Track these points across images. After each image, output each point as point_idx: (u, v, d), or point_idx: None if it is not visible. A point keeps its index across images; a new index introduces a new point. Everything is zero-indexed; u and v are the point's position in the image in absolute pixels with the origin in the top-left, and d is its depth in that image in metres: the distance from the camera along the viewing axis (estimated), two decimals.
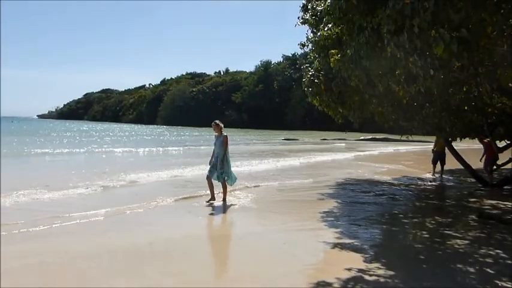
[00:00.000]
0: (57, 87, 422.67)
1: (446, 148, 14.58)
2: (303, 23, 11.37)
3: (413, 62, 5.82)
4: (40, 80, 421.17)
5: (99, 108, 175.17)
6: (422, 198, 11.38)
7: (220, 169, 9.56)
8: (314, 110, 17.68)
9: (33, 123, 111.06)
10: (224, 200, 9.72)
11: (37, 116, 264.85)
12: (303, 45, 12.83)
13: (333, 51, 8.92)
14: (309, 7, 11.41)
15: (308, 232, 7.35)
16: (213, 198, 9.65)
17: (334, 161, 21.37)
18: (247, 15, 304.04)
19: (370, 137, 46.09)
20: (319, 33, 10.21)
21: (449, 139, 13.62)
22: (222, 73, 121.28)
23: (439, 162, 15.43)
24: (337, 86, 10.28)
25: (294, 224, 7.97)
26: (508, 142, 13.85)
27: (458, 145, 15.61)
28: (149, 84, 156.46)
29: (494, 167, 13.36)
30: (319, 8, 10.64)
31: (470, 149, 21.17)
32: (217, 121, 9.86)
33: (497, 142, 13.32)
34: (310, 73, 11.33)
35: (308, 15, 11.40)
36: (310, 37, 11.81)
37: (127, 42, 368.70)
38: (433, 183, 13.91)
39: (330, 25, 9.36)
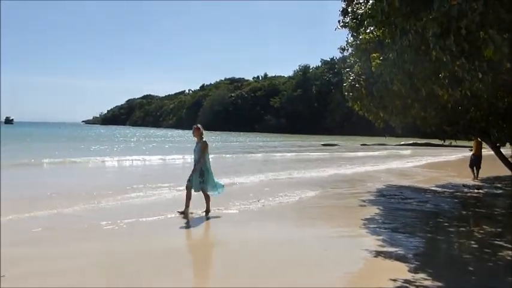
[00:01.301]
0: (101, 93, 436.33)
1: (483, 152, 14.15)
2: (343, 26, 11.21)
3: (460, 65, 5.60)
4: (85, 87, 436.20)
5: (140, 113, 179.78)
6: (469, 206, 10.94)
7: (199, 177, 8.67)
8: (353, 114, 17.41)
9: (85, 128, 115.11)
10: (207, 211, 8.81)
11: (82, 121, 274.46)
12: (342, 49, 12.65)
13: (374, 55, 8.74)
14: (349, 10, 11.26)
15: (349, 239, 7.22)
16: (186, 208, 8.62)
17: (389, 170, 20.82)
18: (285, 20, 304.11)
19: (412, 142, 44.93)
20: (360, 37, 10.04)
21: (497, 144, 13.08)
22: (260, 78, 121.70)
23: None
24: (379, 91, 10.06)
25: (335, 230, 7.84)
26: None
27: (507, 151, 14.98)
28: (189, 89, 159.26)
29: None
30: (359, 11, 10.46)
31: None
32: (198, 125, 9.18)
33: None
34: (350, 78, 11.16)
35: (348, 18, 11.24)
36: (350, 41, 11.65)
37: (167, 48, 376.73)
38: (480, 190, 13.37)
39: (371, 28, 9.19)
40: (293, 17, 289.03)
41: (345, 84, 11.73)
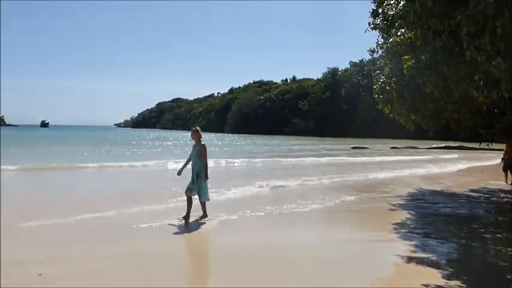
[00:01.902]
0: (132, 97, 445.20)
1: None
2: (373, 28, 11.05)
3: (496, 65, 5.44)
4: (117, 91, 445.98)
5: (170, 116, 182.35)
6: (506, 212, 10.58)
7: (198, 183, 8.39)
8: (383, 117, 17.14)
9: (118, 131, 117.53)
10: (203, 216, 8.50)
11: (114, 124, 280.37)
12: (372, 51, 12.47)
13: (406, 57, 8.59)
14: (379, 12, 11.10)
15: (380, 244, 7.10)
16: (187, 216, 8.32)
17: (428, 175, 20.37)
18: (313, 22, 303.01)
19: (444, 145, 43.85)
20: (390, 39, 9.89)
21: None
22: (288, 81, 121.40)
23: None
24: (410, 93, 9.89)
25: (366, 234, 7.73)
26: None
27: None
28: (218, 93, 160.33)
29: None
30: (390, 13, 10.29)
31: None
32: (197, 127, 8.84)
33: None
34: (381, 80, 11.01)
35: (378, 20, 11.08)
36: (380, 43, 11.48)
37: (196, 52, 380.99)
38: None
39: (402, 30, 9.03)
40: (322, 18, 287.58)
41: (375, 87, 11.57)
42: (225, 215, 9.00)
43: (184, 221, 8.22)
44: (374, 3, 11.00)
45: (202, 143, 8.62)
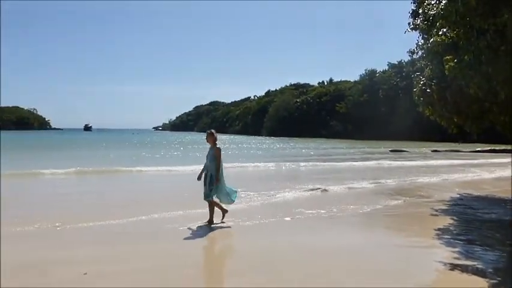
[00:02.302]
0: (170, 100, 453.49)
1: None
2: (413, 29, 10.80)
3: None
4: (155, 94, 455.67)
5: (207, 120, 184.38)
6: None
7: (209, 186, 8.31)
8: (423, 119, 16.68)
9: (158, 135, 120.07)
10: (210, 222, 8.34)
11: (153, 128, 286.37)
12: (412, 52, 12.18)
13: (448, 57, 8.33)
14: (419, 12, 10.84)
15: (421, 250, 6.93)
16: (210, 220, 8.36)
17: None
18: (349, 22, 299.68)
19: (488, 148, 42.22)
20: (431, 39, 9.62)
21: None
22: (325, 83, 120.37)
23: None
24: (453, 95, 9.60)
25: (407, 240, 7.57)
26: None
27: None
28: (254, 95, 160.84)
29: None
30: (431, 13, 10.03)
31: None
32: (212, 130, 8.75)
33: None
34: (421, 82, 10.74)
35: (419, 20, 10.82)
36: (420, 43, 11.19)
37: (232, 55, 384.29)
38: None
39: (444, 30, 8.77)
40: (359, 19, 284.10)
41: (415, 89, 11.31)
42: (262, 217, 9.05)
43: (208, 224, 8.24)
44: (414, 3, 10.78)
45: (218, 146, 8.56)
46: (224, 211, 8.58)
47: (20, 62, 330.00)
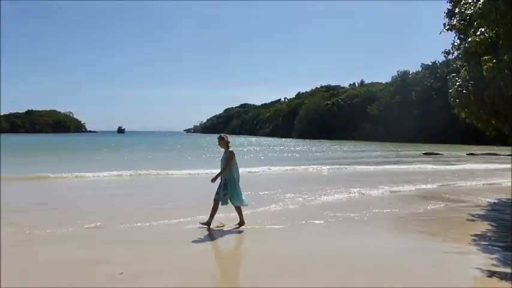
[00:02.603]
0: (201, 103, 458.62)
1: None
2: (449, 29, 10.54)
3: None
4: (185, 96, 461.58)
5: (237, 122, 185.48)
6: None
7: (223, 190, 8.29)
8: (458, 121, 16.19)
9: (191, 137, 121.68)
10: (240, 224, 8.41)
11: (184, 130, 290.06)
12: (447, 52, 11.89)
13: (486, 57, 8.08)
14: (455, 12, 10.57)
15: (457, 256, 6.74)
16: (209, 223, 8.29)
17: None
18: (381, 24, 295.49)
19: None
20: (468, 39, 9.36)
21: None
22: (356, 85, 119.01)
23: None
24: (491, 96, 9.30)
25: (443, 245, 7.37)
26: None
27: None
28: (284, 98, 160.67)
29: None
30: (468, 12, 9.76)
31: None
32: (222, 135, 8.70)
33: None
34: (457, 83, 10.46)
35: (455, 20, 10.55)
36: (456, 44, 10.91)
37: (263, 57, 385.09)
38: None
39: (482, 29, 8.52)
40: (390, 20, 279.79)
41: (450, 90, 11.04)
42: (296, 220, 9.07)
43: (206, 226, 8.20)
44: (450, 3, 10.53)
45: (231, 149, 8.47)
46: (242, 222, 8.46)
47: (57, 68, 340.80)
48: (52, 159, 28.30)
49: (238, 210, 8.45)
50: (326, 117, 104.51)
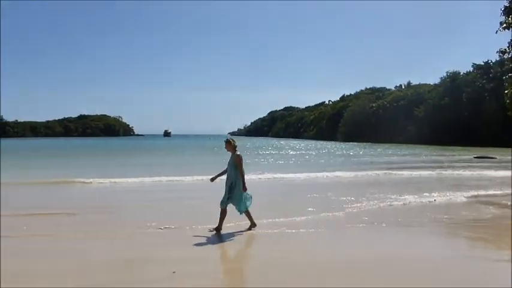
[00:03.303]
0: (245, 106, 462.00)
1: None
2: (506, 27, 10.16)
3: None
4: (229, 99, 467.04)
5: (281, 125, 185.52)
6: None
7: (228, 193, 8.26)
8: None
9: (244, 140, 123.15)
10: (251, 227, 8.45)
11: (228, 133, 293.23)
12: (503, 52, 11.47)
13: None
14: None
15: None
16: (219, 227, 8.29)
17: None
18: (428, 24, 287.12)
19: None
20: None
21: None
22: (403, 87, 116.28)
23: None
24: None
25: (496, 252, 7.14)
26: None
27: None
28: (329, 100, 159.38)
29: None
30: None
31: None
32: (229, 138, 8.69)
33: None
34: None
35: None
36: None
37: (307, 60, 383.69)
38: None
39: None
40: (439, 20, 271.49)
41: (506, 91, 10.65)
42: (348, 224, 9.15)
43: (216, 232, 8.22)
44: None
45: (238, 153, 8.45)
46: (253, 225, 8.50)
47: (106, 73, 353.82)
48: (114, 162, 30.19)
49: (247, 214, 8.45)
50: (371, 120, 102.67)
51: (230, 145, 8.50)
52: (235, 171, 8.30)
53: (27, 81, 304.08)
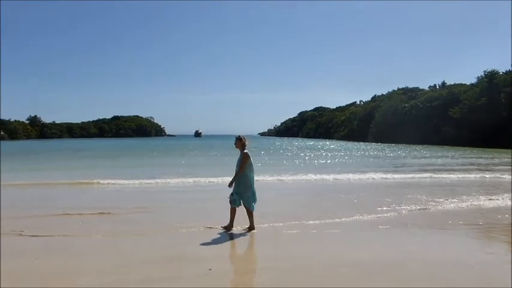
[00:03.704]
0: (275, 107, 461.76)
1: None
2: None
3: None
4: (260, 100, 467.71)
5: (312, 125, 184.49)
6: None
7: (235, 189, 8.29)
8: None
9: (271, 140, 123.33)
10: (250, 228, 8.41)
11: (258, 134, 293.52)
12: None
13: None
14: None
15: None
16: (230, 226, 8.42)
17: None
18: (463, 22, 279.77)
19: None
20: None
21: None
22: (437, 87, 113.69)
23: None
24: None
25: None
26: None
27: None
28: (360, 101, 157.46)
29: None
30: None
31: None
32: (240, 136, 8.51)
33: None
34: None
35: None
36: None
37: (337, 59, 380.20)
38: None
39: None
40: (474, 18, 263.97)
41: None
42: (384, 226, 9.17)
43: (226, 230, 8.34)
44: None
45: (245, 151, 8.40)
46: (252, 227, 8.45)
47: (139, 75, 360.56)
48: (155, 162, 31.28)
49: (249, 214, 8.43)
50: (404, 120, 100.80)
51: (240, 142, 8.44)
52: (241, 168, 8.29)
53: (63, 83, 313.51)
